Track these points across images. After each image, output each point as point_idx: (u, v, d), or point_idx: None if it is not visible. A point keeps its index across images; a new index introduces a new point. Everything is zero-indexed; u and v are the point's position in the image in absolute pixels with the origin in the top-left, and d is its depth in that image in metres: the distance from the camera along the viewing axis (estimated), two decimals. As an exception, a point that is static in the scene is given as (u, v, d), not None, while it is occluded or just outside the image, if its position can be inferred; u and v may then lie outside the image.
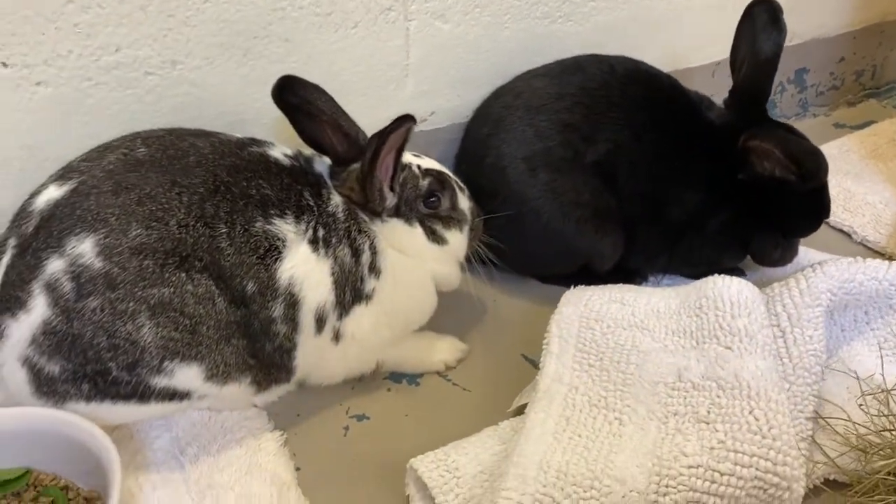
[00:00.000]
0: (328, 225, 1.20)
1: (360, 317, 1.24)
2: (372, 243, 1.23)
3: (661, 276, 1.60)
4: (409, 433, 1.28)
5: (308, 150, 1.27)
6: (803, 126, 2.18)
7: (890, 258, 1.70)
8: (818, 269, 1.33)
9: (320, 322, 1.20)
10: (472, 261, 1.39)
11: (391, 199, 1.24)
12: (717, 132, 1.44)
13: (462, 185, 1.36)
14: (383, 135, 1.14)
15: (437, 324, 1.39)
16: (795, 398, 1.19)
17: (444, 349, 1.41)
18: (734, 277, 1.26)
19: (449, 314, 1.41)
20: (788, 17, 1.95)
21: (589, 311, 1.29)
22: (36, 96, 1.17)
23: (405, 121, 1.14)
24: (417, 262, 1.29)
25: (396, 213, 1.26)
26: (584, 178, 1.41)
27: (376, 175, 1.18)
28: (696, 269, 1.56)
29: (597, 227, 1.43)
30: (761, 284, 1.34)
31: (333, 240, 1.20)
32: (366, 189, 1.20)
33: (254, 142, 1.23)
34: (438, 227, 1.29)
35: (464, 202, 1.34)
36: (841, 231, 1.83)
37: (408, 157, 1.30)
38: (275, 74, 1.32)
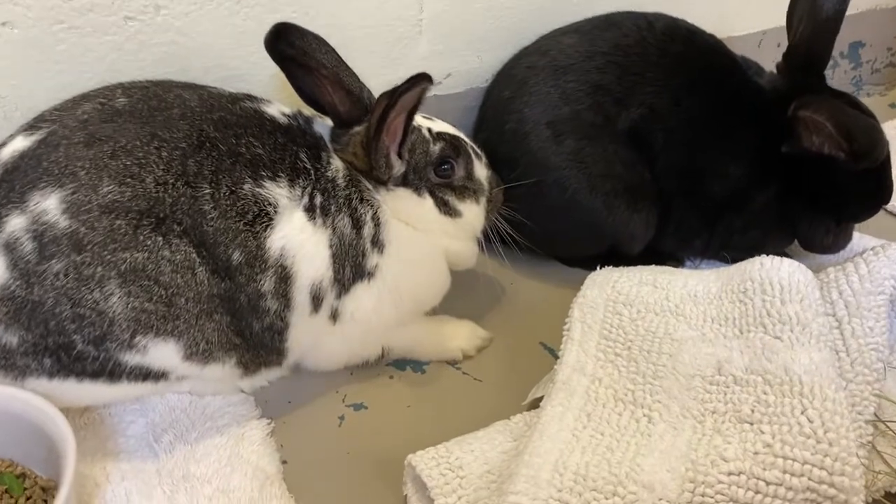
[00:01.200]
0: (327, 191, 1.07)
1: (362, 295, 1.11)
2: (375, 214, 1.10)
3: (699, 261, 1.44)
4: (410, 426, 1.15)
5: (309, 111, 1.14)
6: None
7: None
8: (881, 253, 1.17)
9: (316, 300, 1.07)
10: (491, 237, 1.25)
11: (399, 167, 1.10)
12: (765, 99, 1.28)
13: (479, 151, 1.22)
14: (394, 95, 1.00)
15: (448, 306, 1.26)
16: (854, 398, 1.04)
17: (462, 336, 1.27)
18: (784, 258, 1.10)
19: (461, 296, 1.27)
20: None
21: (617, 294, 1.14)
22: (1, 39, 1.04)
23: (420, 80, 1.00)
24: (427, 237, 1.15)
25: (404, 181, 1.12)
26: (615, 146, 1.26)
27: (382, 139, 1.05)
28: (737, 254, 1.39)
29: (628, 203, 1.28)
30: (812, 271, 1.18)
31: (332, 208, 1.07)
32: (370, 154, 1.07)
33: (248, 97, 1.10)
34: (451, 198, 1.16)
35: (481, 170, 1.20)
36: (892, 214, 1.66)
37: (418, 120, 1.16)
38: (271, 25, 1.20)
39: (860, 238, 1.51)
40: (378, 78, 1.36)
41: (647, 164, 1.27)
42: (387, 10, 1.30)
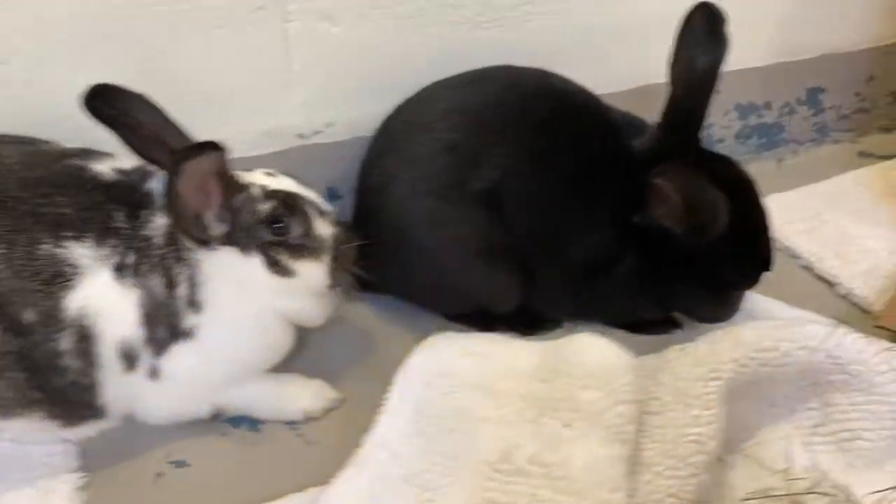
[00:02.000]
0: (141, 250, 1.07)
1: (181, 355, 1.10)
2: (191, 274, 1.09)
3: (583, 322, 1.38)
4: (229, 486, 1.13)
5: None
6: (822, 153, 1.95)
7: (875, 319, 1.43)
8: (727, 334, 1.10)
9: (129, 358, 1.07)
10: (359, 290, 1.23)
11: (218, 227, 1.09)
12: (631, 162, 1.22)
13: (325, 208, 1.20)
14: (175, 167, 0.99)
15: (306, 362, 1.25)
16: (654, 494, 0.97)
17: (306, 396, 1.25)
18: (601, 338, 1.04)
19: (321, 351, 1.25)
20: (792, 28, 1.72)
21: (437, 364, 1.11)
22: None
23: (203, 150, 0.99)
24: (254, 297, 1.14)
25: (230, 240, 1.11)
26: (468, 208, 1.22)
27: (182, 204, 1.03)
28: (611, 320, 1.35)
29: (485, 264, 1.24)
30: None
31: (144, 268, 1.07)
32: (172, 218, 1.06)
33: (82, 152, 1.11)
34: (284, 258, 1.13)
35: (323, 228, 1.17)
36: (825, 280, 1.55)
37: (255, 177, 1.15)
38: (128, 78, 1.21)
39: (764, 302, 1.43)
40: (254, 125, 1.37)
41: (504, 227, 1.22)
42: (253, 62, 1.30)
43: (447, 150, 1.22)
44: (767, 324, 1.14)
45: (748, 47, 1.75)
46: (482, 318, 1.38)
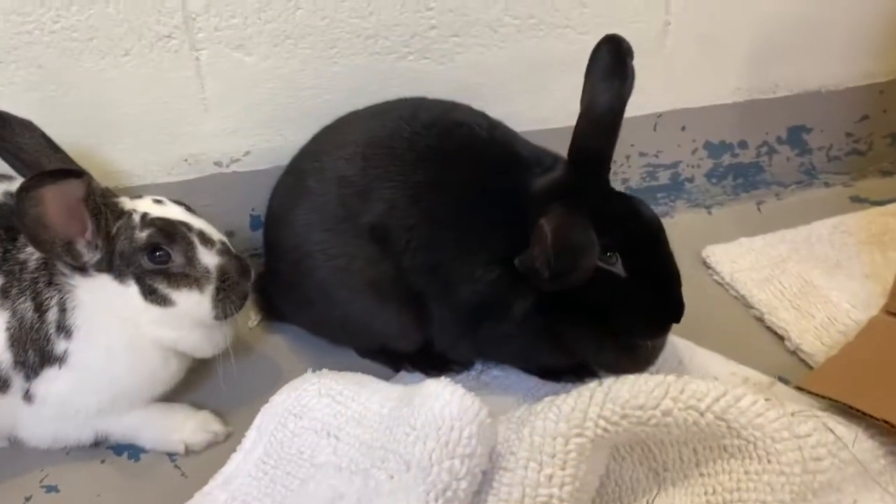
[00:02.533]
0: (12, 273, 1.08)
1: (54, 380, 1.10)
2: (62, 299, 1.09)
3: (491, 367, 1.32)
4: (92, 516, 1.12)
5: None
6: (809, 196, 1.83)
7: (806, 380, 1.31)
8: (600, 388, 1.02)
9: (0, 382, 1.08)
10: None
11: (90, 255, 1.09)
12: (528, 201, 1.15)
13: (214, 237, 1.18)
14: (21, 193, 0.97)
15: (208, 393, 1.25)
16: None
17: (188, 428, 1.22)
18: (450, 386, 0.98)
19: (228, 381, 1.23)
20: (767, 63, 1.63)
21: (294, 404, 1.07)
22: None
23: (57, 177, 0.99)
24: (130, 325, 1.13)
25: (108, 267, 1.11)
26: (358, 241, 1.18)
27: (43, 231, 1.02)
28: (515, 364, 1.28)
29: (374, 300, 1.20)
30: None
31: (14, 291, 1.08)
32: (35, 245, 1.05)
33: None
34: (162, 286, 1.12)
35: (207, 258, 1.16)
36: (774, 333, 1.44)
37: (139, 203, 1.15)
38: (30, 103, 1.24)
39: (690, 354, 1.34)
40: (170, 153, 1.37)
41: (393, 262, 1.17)
42: (163, 90, 1.30)
43: (339, 182, 1.19)
44: (651, 378, 1.05)
45: (717, 83, 1.66)
46: (388, 356, 1.34)
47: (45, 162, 1.12)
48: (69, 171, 1.01)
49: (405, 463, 0.90)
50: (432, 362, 1.31)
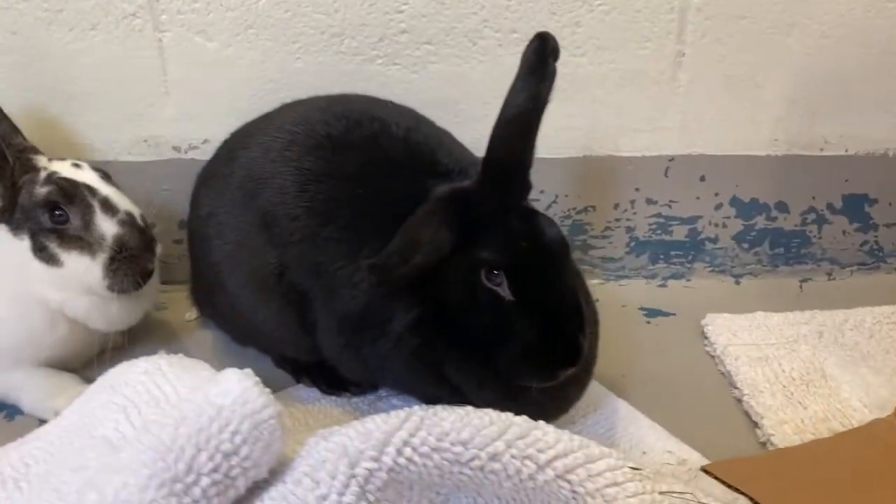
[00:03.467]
0: None
1: None
2: None
3: (395, 392, 1.19)
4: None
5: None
6: (871, 281, 1.55)
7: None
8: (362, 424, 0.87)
9: None
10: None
11: None
12: (416, 206, 1.03)
13: (119, 207, 1.16)
14: None
15: None
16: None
17: (67, 398, 1.17)
18: (247, 377, 0.87)
19: None
20: (813, 112, 1.41)
21: (118, 378, 0.99)
22: None
23: None
24: (14, 278, 1.13)
25: (7, 219, 1.12)
26: (249, 228, 1.12)
27: None
28: (398, 389, 1.15)
29: (257, 294, 1.12)
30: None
31: None
32: None
33: None
34: (53, 245, 1.12)
35: (105, 226, 1.14)
36: (750, 418, 1.19)
37: (54, 164, 1.16)
38: (3, 67, 1.31)
39: (646, 427, 1.14)
40: (130, 132, 1.39)
41: (278, 255, 1.10)
42: (125, 67, 1.33)
43: (244, 165, 1.14)
44: (492, 415, 0.88)
45: (746, 130, 1.46)
46: (291, 365, 1.25)
47: None
48: None
49: (151, 444, 0.80)
50: (330, 379, 1.20)
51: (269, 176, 1.10)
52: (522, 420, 0.88)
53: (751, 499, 0.91)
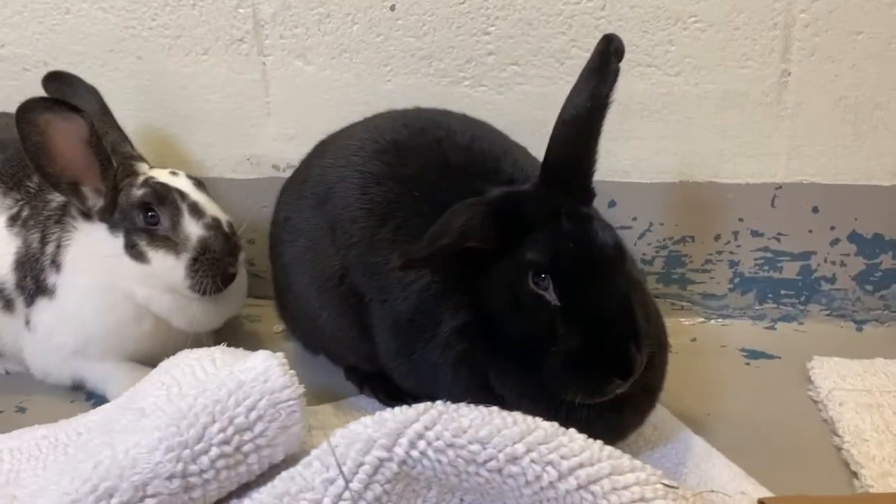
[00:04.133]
0: (36, 208, 1.25)
1: (44, 310, 1.22)
2: (61, 236, 1.22)
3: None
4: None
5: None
6: None
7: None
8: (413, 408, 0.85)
9: (6, 300, 1.24)
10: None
11: (95, 200, 1.20)
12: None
13: (207, 212, 1.22)
14: (19, 116, 1.09)
15: None
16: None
17: (127, 387, 1.25)
18: (275, 357, 0.88)
19: None
20: None
21: (168, 367, 1.03)
22: None
23: (51, 105, 1.10)
24: (108, 272, 1.21)
25: (108, 217, 1.21)
26: (318, 229, 1.15)
27: (42, 163, 1.14)
28: (451, 399, 1.11)
29: (318, 295, 1.14)
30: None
31: (31, 222, 1.24)
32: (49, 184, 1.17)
33: None
34: (143, 243, 1.20)
35: (192, 227, 1.21)
36: (849, 468, 1.05)
37: (154, 171, 1.25)
38: (129, 88, 1.45)
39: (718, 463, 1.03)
40: (236, 150, 1.48)
41: (340, 257, 1.11)
42: (233, 89, 1.42)
43: (319, 170, 1.19)
44: (515, 417, 0.83)
45: (865, 157, 1.33)
46: (355, 375, 1.26)
47: (97, 124, 1.28)
48: (65, 103, 1.12)
49: (169, 411, 0.82)
50: (389, 390, 1.19)
51: (337, 180, 1.13)
52: (550, 425, 0.82)
53: (809, 536, 0.79)
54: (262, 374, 0.84)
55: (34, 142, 1.13)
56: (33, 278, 1.21)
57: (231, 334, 1.33)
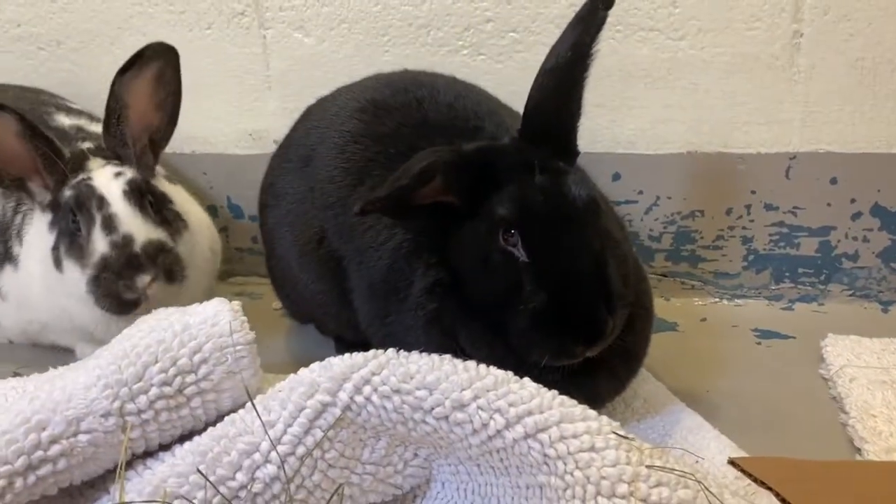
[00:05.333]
0: None
1: (11, 278, 1.22)
2: (27, 210, 1.20)
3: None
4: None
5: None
6: None
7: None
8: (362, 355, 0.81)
9: None
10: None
11: (43, 196, 1.15)
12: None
13: (119, 227, 1.08)
14: None
15: None
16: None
17: None
18: (232, 304, 0.85)
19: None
20: None
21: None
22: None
23: None
24: (42, 262, 1.16)
25: (51, 211, 1.14)
26: (300, 186, 1.13)
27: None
28: None
29: (298, 258, 1.12)
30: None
31: (7, 192, 1.23)
32: None
33: (56, 104, 1.39)
34: (63, 248, 1.12)
35: (98, 241, 1.08)
36: (853, 445, 0.97)
37: (101, 169, 1.14)
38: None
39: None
40: (239, 125, 1.48)
41: (319, 220, 1.09)
42: (235, 63, 1.43)
43: (305, 132, 1.17)
44: (465, 365, 0.79)
45: (888, 125, 1.24)
46: (342, 348, 1.23)
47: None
48: None
49: (113, 349, 0.81)
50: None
51: (318, 142, 1.12)
52: (502, 373, 0.78)
53: (777, 494, 0.72)
54: (210, 318, 0.82)
55: None
56: (3, 243, 1.22)
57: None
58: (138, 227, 1.09)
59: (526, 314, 0.86)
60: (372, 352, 0.82)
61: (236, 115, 1.47)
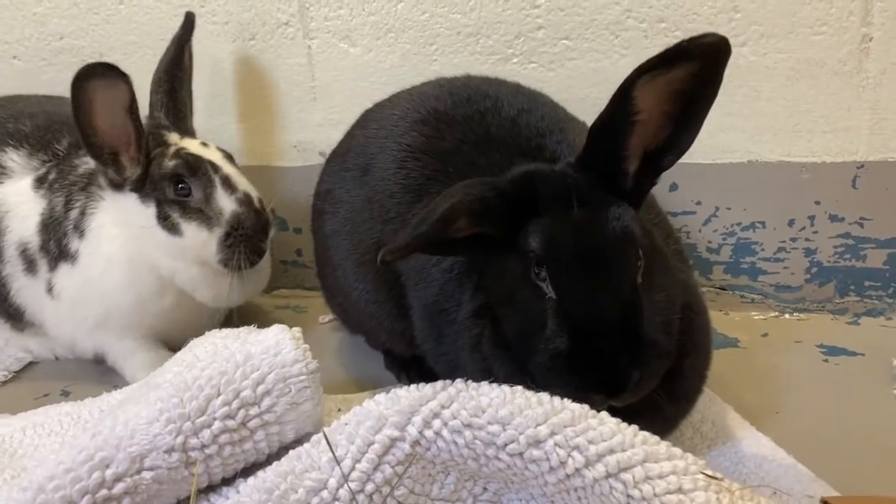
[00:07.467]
0: (62, 172, 1.24)
1: (66, 276, 1.21)
2: (85, 203, 1.21)
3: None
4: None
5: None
6: None
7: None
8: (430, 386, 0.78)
9: (28, 261, 1.23)
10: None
11: (132, 170, 1.18)
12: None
13: (239, 186, 1.19)
14: (74, 97, 1.10)
15: None
16: None
17: (144, 366, 1.22)
18: (291, 332, 0.82)
19: None
20: None
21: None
22: (13, 68, 1.54)
23: (103, 71, 1.09)
24: (134, 244, 1.19)
25: (139, 187, 1.18)
26: (357, 202, 1.10)
27: (94, 139, 1.14)
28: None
29: (355, 265, 1.10)
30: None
31: (56, 185, 1.23)
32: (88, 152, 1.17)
33: None
34: (176, 215, 1.17)
35: (224, 201, 1.18)
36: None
37: (184, 141, 1.22)
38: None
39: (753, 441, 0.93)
40: (283, 137, 1.46)
41: (378, 231, 1.06)
42: (279, 74, 1.41)
43: (362, 142, 1.14)
44: (542, 399, 0.75)
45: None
46: (392, 359, 1.20)
47: (176, 85, 1.30)
48: (114, 68, 1.10)
49: (174, 381, 0.78)
50: (428, 378, 1.12)
51: (378, 151, 1.09)
52: (579, 407, 0.74)
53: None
54: (272, 347, 0.80)
55: (84, 110, 1.11)
56: (57, 242, 1.21)
57: (275, 322, 1.30)
58: (249, 186, 1.21)
59: (547, 354, 0.80)
60: (440, 383, 0.78)
61: (280, 127, 1.45)
